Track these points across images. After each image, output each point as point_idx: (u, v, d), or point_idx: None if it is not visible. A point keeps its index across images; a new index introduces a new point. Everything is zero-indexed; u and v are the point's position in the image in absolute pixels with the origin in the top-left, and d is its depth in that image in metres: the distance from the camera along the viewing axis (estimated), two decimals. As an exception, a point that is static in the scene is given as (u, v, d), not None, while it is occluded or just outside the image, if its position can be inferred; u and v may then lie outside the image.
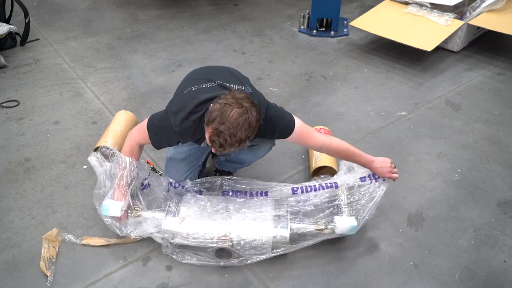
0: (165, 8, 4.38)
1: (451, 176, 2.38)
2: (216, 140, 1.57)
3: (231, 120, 1.54)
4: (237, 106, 1.56)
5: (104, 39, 3.83)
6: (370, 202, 1.93)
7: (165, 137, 1.80)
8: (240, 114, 1.55)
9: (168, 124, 1.75)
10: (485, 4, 3.50)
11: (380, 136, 2.69)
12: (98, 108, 2.93)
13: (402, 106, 2.96)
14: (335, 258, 1.94)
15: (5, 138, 2.66)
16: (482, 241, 2.01)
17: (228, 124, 1.54)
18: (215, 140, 1.58)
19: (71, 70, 3.37)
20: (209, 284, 1.84)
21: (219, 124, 1.55)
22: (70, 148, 2.58)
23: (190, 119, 1.71)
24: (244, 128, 1.55)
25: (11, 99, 2.99)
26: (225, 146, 1.58)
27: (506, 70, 3.35)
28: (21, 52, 3.59)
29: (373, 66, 3.43)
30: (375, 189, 1.95)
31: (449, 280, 1.85)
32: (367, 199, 1.94)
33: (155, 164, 2.45)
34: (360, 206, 1.95)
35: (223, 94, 1.63)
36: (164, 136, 1.80)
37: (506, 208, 2.19)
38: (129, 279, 1.85)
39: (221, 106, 1.56)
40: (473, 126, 2.76)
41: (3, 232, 2.06)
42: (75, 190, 2.29)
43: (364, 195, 1.96)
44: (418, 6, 3.60)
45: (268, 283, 1.84)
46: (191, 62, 3.47)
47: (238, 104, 1.56)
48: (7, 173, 2.40)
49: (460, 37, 3.48)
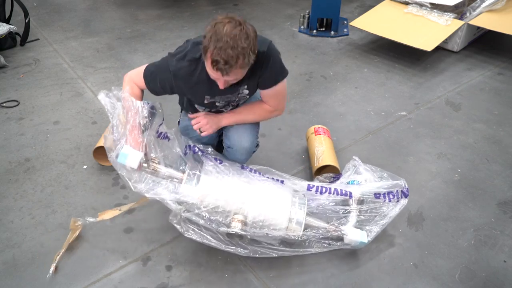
0: (165, 8, 4.38)
1: (451, 176, 2.38)
2: (219, 58, 1.49)
3: (227, 33, 1.48)
4: (228, 21, 1.51)
5: (104, 39, 3.83)
6: (383, 220, 1.92)
7: (159, 76, 1.76)
8: (233, 26, 1.50)
9: (165, 64, 1.73)
10: (485, 4, 3.50)
11: (380, 136, 2.69)
12: (98, 108, 2.93)
13: (402, 106, 2.96)
14: (335, 258, 1.94)
15: (5, 138, 2.66)
16: (482, 241, 2.01)
17: (226, 37, 1.47)
18: (218, 58, 1.49)
19: (71, 70, 3.37)
20: (209, 284, 1.84)
21: (216, 42, 1.48)
22: (70, 148, 2.58)
23: (186, 58, 1.68)
24: (243, 38, 1.49)
25: (11, 99, 2.99)
26: (230, 63, 1.49)
27: (506, 70, 3.35)
28: (21, 52, 3.59)
29: (373, 66, 3.43)
30: (389, 208, 1.94)
31: (449, 280, 1.85)
32: (380, 217, 1.93)
33: (155, 164, 2.45)
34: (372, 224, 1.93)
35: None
36: (158, 76, 1.76)
37: (506, 208, 2.19)
38: (129, 279, 1.85)
39: (212, 26, 1.51)
40: (473, 126, 2.76)
41: (3, 232, 2.06)
42: (75, 190, 2.29)
43: (377, 213, 1.94)
44: (418, 6, 3.60)
45: (268, 283, 1.84)
46: (191, 62, 3.46)
47: (229, 19, 1.51)
48: (7, 173, 2.40)
49: (460, 37, 3.48)
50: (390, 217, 1.92)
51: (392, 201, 1.94)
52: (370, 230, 1.91)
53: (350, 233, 1.86)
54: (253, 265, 1.90)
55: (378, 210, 1.95)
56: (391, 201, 1.95)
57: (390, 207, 1.94)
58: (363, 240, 1.87)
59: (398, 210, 1.93)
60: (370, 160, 2.45)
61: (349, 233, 1.86)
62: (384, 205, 1.95)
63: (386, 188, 1.97)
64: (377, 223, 1.92)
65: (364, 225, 1.93)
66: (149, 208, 2.18)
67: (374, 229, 1.91)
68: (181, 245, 1.99)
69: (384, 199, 1.95)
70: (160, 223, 2.10)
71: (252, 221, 1.76)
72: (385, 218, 1.92)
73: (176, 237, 2.03)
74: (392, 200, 1.95)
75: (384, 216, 1.93)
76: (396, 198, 1.95)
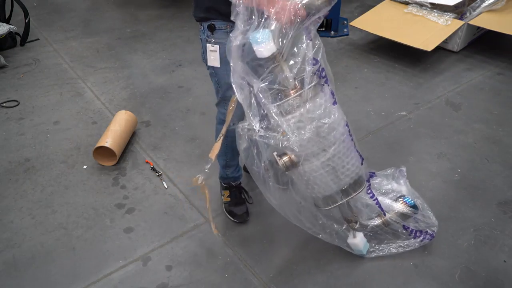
0: (165, 8, 4.38)
1: (451, 176, 2.38)
2: None
3: None
4: None
5: (104, 39, 3.83)
6: (395, 249, 1.92)
7: None
8: None
9: None
10: (485, 4, 3.50)
11: (380, 136, 2.69)
12: (98, 108, 2.93)
13: (402, 106, 2.96)
14: (335, 258, 1.94)
15: (5, 138, 2.66)
16: (482, 241, 2.01)
17: None
18: None
19: (71, 70, 3.37)
20: (209, 284, 1.84)
21: None
22: (70, 148, 2.58)
23: None
24: None
25: (11, 99, 2.99)
26: None
27: (506, 70, 3.35)
28: (21, 52, 3.59)
29: (373, 66, 3.43)
30: (409, 243, 1.93)
31: (449, 280, 1.85)
32: (394, 246, 1.93)
33: (155, 164, 2.45)
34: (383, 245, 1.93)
35: None
36: None
37: (506, 208, 2.19)
38: (129, 279, 1.85)
39: None
40: (473, 126, 2.76)
41: (3, 232, 2.06)
42: (75, 190, 2.29)
43: (395, 241, 1.94)
44: (418, 6, 3.60)
45: (268, 283, 1.84)
46: (191, 62, 3.47)
47: None
48: (7, 173, 2.40)
49: (460, 37, 3.48)
50: (403, 249, 1.92)
51: (416, 239, 1.92)
52: (377, 249, 1.92)
53: (358, 238, 1.86)
54: (253, 265, 1.90)
55: (397, 238, 1.94)
56: (416, 238, 1.92)
57: (411, 243, 1.93)
58: (364, 251, 1.89)
59: (417, 245, 1.93)
60: (370, 160, 2.45)
61: (357, 238, 1.86)
62: (407, 238, 1.93)
63: (417, 223, 1.93)
64: (387, 248, 1.92)
65: (375, 240, 1.93)
66: (149, 208, 2.19)
67: (381, 250, 1.91)
68: (181, 245, 1.99)
69: (410, 234, 1.93)
70: (160, 223, 2.10)
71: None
72: (399, 248, 1.92)
73: (176, 237, 2.03)
74: (416, 238, 1.92)
75: (398, 247, 1.92)
76: (421, 238, 1.92)
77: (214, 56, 1.73)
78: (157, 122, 2.80)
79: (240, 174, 2.15)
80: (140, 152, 2.55)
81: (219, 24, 1.67)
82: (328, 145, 1.55)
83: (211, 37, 1.70)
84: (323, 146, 1.55)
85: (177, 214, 2.15)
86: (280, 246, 1.99)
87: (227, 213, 2.12)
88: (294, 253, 1.94)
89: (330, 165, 1.58)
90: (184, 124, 2.79)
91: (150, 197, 2.25)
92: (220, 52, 1.70)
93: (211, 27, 1.68)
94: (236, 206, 2.11)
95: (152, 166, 2.43)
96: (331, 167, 1.58)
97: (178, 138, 2.67)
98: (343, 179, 1.62)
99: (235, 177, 2.10)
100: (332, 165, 1.58)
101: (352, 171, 1.64)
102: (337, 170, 1.60)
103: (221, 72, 1.75)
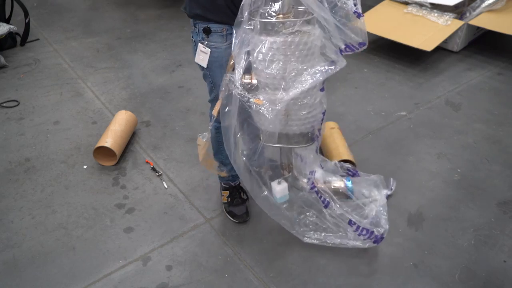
0: (165, 8, 4.38)
1: (451, 176, 2.38)
2: None
3: None
4: None
5: (104, 39, 3.83)
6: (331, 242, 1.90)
7: None
8: None
9: None
10: (485, 4, 3.50)
11: (380, 136, 2.69)
12: (98, 108, 2.93)
13: (402, 106, 2.96)
14: (335, 258, 1.94)
15: (5, 138, 2.66)
16: (482, 241, 2.01)
17: None
18: None
19: (71, 70, 3.37)
20: (209, 284, 1.84)
21: None
22: (70, 148, 2.58)
23: None
24: None
25: (11, 99, 2.99)
26: None
27: (506, 70, 3.35)
28: (21, 52, 3.59)
29: (373, 66, 3.43)
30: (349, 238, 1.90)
31: (449, 280, 1.85)
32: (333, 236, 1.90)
33: (155, 164, 2.45)
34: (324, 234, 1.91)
35: None
36: None
37: (506, 208, 2.19)
38: (129, 279, 1.85)
39: None
40: (473, 126, 2.76)
41: (3, 232, 2.06)
42: (75, 190, 2.29)
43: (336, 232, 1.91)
44: (418, 6, 3.60)
45: (268, 283, 1.84)
46: (191, 62, 3.46)
47: None
48: (7, 173, 2.40)
49: (460, 37, 3.48)
50: (342, 245, 1.88)
51: (360, 237, 1.87)
52: (312, 236, 1.90)
53: (280, 186, 1.82)
54: (253, 265, 1.90)
55: (338, 232, 1.90)
56: (359, 236, 1.87)
57: (351, 240, 1.88)
58: (278, 200, 1.84)
59: (357, 244, 1.88)
60: (370, 160, 2.46)
61: (280, 186, 1.82)
62: (348, 232, 1.89)
63: (367, 221, 1.89)
64: (325, 238, 1.89)
65: (313, 227, 1.92)
66: (149, 208, 2.19)
67: (317, 238, 1.90)
68: (181, 245, 1.99)
69: (356, 230, 1.87)
70: (160, 223, 2.10)
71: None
72: (336, 240, 1.88)
73: (176, 237, 2.03)
74: (360, 236, 1.87)
75: (337, 239, 1.89)
76: (367, 236, 1.87)
77: (202, 57, 1.70)
78: (157, 122, 2.80)
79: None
80: (140, 152, 2.55)
81: (215, 27, 1.62)
82: (289, 87, 1.54)
83: (205, 40, 1.65)
84: (285, 87, 1.54)
85: (177, 214, 2.15)
86: (280, 246, 1.99)
87: (227, 213, 2.12)
88: (294, 253, 1.94)
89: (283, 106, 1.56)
90: (184, 124, 2.79)
91: (150, 197, 2.25)
92: (210, 55, 1.67)
93: (207, 30, 1.63)
94: (236, 206, 2.11)
95: (152, 166, 2.43)
96: (283, 108, 1.56)
97: (178, 138, 2.67)
98: (291, 126, 1.63)
99: (233, 177, 2.10)
100: (286, 108, 1.56)
101: (304, 124, 1.63)
102: (289, 115, 1.59)
103: (215, 75, 1.73)
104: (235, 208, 2.10)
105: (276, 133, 1.64)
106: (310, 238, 1.91)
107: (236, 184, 2.14)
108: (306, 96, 1.57)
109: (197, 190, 2.29)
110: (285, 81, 1.53)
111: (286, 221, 1.90)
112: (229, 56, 1.65)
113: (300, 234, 1.91)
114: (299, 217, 1.95)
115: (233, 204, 2.11)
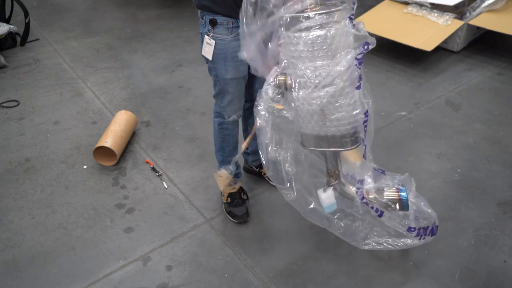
0: (165, 8, 4.38)
1: (451, 176, 2.38)
2: None
3: None
4: None
5: (104, 39, 3.83)
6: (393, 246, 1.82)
7: None
8: None
9: None
10: (485, 4, 3.50)
11: (380, 136, 2.69)
12: (98, 108, 2.93)
13: (402, 106, 2.96)
14: (335, 258, 1.94)
15: (5, 138, 2.66)
16: (482, 241, 2.01)
17: None
18: None
19: (71, 70, 3.37)
20: (209, 284, 1.84)
21: None
22: (70, 148, 2.58)
23: None
24: None
25: (11, 99, 2.99)
26: None
27: (506, 70, 3.35)
28: (21, 52, 3.59)
29: (373, 66, 3.43)
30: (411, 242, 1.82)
31: (449, 280, 1.85)
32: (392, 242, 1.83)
33: (155, 164, 2.45)
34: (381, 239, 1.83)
35: None
36: None
37: (506, 208, 2.19)
38: (129, 279, 1.85)
39: None
40: (473, 126, 2.76)
41: (3, 232, 2.06)
42: (75, 190, 2.29)
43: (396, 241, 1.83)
44: (418, 6, 3.60)
45: (268, 283, 1.84)
46: (191, 62, 3.47)
47: None
48: (7, 173, 2.40)
49: (460, 37, 3.48)
50: (406, 246, 1.82)
51: (420, 237, 1.79)
52: (373, 242, 1.82)
53: (326, 194, 1.71)
54: (253, 265, 1.90)
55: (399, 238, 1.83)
56: (420, 238, 1.79)
57: (414, 242, 1.81)
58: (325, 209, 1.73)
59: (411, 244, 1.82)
60: (370, 160, 2.45)
61: (326, 194, 1.72)
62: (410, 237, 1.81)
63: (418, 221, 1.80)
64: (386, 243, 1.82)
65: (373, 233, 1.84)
66: (149, 208, 2.19)
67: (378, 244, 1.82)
68: (181, 245, 1.99)
69: (417, 236, 1.78)
70: (160, 223, 2.10)
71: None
72: (396, 247, 1.82)
73: (176, 237, 2.03)
74: (420, 236, 1.79)
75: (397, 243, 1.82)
76: (425, 234, 1.81)
77: (208, 49, 1.74)
78: (157, 122, 2.80)
79: (239, 172, 2.15)
80: (140, 152, 2.56)
81: (221, 19, 1.67)
82: (324, 85, 1.51)
83: (211, 31, 1.70)
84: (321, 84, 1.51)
85: (177, 214, 2.15)
86: (280, 246, 1.99)
87: (227, 213, 2.12)
88: (294, 253, 1.94)
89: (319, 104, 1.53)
90: (184, 124, 2.79)
91: (150, 197, 2.25)
92: (215, 47, 1.71)
93: (213, 22, 1.68)
94: (236, 206, 2.11)
95: (152, 166, 2.43)
96: (319, 107, 1.53)
97: (178, 138, 2.67)
98: (329, 127, 1.58)
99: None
100: (321, 107, 1.53)
101: (343, 125, 1.58)
102: (326, 115, 1.55)
103: (219, 67, 1.76)
104: (235, 208, 2.10)
105: (314, 135, 1.60)
106: (370, 244, 1.82)
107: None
108: (342, 93, 1.54)
109: (197, 190, 2.29)
110: (319, 78, 1.50)
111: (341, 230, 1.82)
112: (233, 49, 1.69)
113: (358, 242, 1.83)
114: (354, 224, 1.84)
115: (233, 204, 2.11)
